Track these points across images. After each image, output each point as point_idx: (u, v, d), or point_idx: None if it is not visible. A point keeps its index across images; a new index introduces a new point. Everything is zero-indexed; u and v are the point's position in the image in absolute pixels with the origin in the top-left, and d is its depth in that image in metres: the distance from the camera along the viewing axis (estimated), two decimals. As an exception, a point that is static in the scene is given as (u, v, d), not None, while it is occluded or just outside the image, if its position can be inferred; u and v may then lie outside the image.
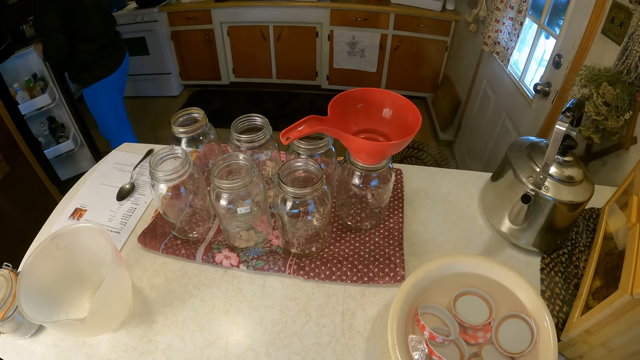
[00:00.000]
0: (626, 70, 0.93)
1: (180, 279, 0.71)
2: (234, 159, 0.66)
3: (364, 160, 0.66)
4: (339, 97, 0.66)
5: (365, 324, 0.64)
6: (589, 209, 0.81)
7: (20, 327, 0.60)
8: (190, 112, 0.81)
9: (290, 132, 0.61)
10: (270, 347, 0.61)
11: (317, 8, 2.77)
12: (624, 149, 0.97)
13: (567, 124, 0.58)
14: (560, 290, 0.67)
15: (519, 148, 0.75)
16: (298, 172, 0.66)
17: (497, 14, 1.82)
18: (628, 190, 0.68)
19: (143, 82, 3.19)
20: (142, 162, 0.96)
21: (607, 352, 0.53)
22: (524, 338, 0.56)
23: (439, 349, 0.56)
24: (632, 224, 0.57)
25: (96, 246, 0.62)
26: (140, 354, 0.61)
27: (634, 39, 0.91)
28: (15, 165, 1.70)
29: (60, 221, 0.84)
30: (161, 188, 0.68)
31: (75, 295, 0.64)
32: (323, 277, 0.69)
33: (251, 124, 0.77)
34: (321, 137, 0.74)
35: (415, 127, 0.61)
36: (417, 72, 2.94)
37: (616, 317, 0.49)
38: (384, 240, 0.75)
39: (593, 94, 0.95)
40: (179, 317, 0.65)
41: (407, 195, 0.86)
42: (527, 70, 1.70)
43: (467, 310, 0.61)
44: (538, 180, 0.66)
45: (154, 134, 2.81)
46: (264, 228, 0.74)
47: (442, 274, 0.63)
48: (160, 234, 0.76)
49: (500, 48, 1.84)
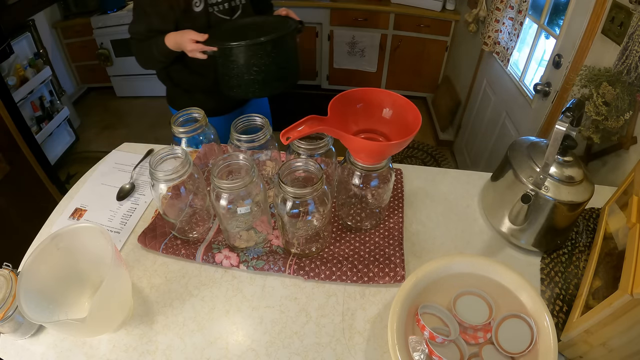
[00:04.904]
0: (626, 70, 0.93)
1: (180, 279, 0.71)
2: (234, 159, 0.66)
3: (364, 160, 0.66)
4: (339, 97, 0.66)
5: (365, 324, 0.64)
6: (589, 209, 0.81)
7: (20, 327, 0.60)
8: (190, 112, 0.81)
9: (290, 132, 0.61)
10: (270, 347, 0.61)
11: (317, 8, 2.77)
12: (624, 149, 0.97)
13: (567, 124, 0.58)
14: (560, 290, 0.67)
15: (519, 148, 0.75)
16: (298, 172, 0.66)
17: (497, 14, 1.82)
18: (628, 190, 0.68)
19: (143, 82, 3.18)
20: (142, 162, 0.96)
21: (607, 352, 0.53)
22: (524, 338, 0.56)
23: (439, 349, 0.56)
24: (632, 224, 0.57)
25: (96, 246, 0.61)
26: (140, 354, 0.61)
27: (634, 39, 0.91)
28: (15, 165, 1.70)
29: (60, 221, 0.84)
30: (161, 188, 0.68)
31: (75, 295, 0.64)
32: (323, 277, 0.69)
33: (251, 124, 0.77)
34: (321, 137, 0.74)
35: (415, 127, 0.61)
36: (417, 72, 2.94)
37: (616, 317, 0.49)
38: (384, 240, 0.75)
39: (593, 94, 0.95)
40: (179, 317, 0.65)
41: (407, 195, 0.86)
42: (527, 70, 1.70)
43: (467, 310, 0.61)
44: (538, 180, 0.66)
45: (154, 134, 2.80)
46: (264, 228, 0.74)
47: (442, 274, 0.63)
48: (160, 234, 0.76)
49: (500, 48, 1.84)
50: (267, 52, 0.99)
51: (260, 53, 0.99)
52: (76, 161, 2.57)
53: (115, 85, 3.22)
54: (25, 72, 2.19)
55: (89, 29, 2.90)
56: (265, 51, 0.99)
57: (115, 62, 3.07)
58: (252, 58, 0.99)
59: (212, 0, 1.08)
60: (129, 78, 3.18)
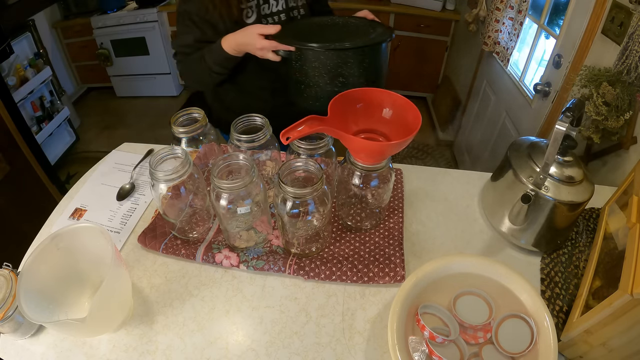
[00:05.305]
0: (626, 70, 0.93)
1: (180, 279, 0.71)
2: (234, 159, 0.66)
3: (364, 160, 0.66)
4: (339, 97, 0.66)
5: (365, 324, 0.64)
6: (589, 209, 0.81)
7: (20, 327, 0.60)
8: (190, 112, 0.81)
9: (290, 132, 0.61)
10: (270, 347, 0.61)
11: (317, 8, 2.76)
12: (624, 149, 0.97)
13: (567, 124, 0.58)
14: (560, 290, 0.67)
15: (519, 148, 0.75)
16: (298, 172, 0.66)
17: (497, 14, 1.82)
18: (628, 190, 0.68)
19: (143, 82, 3.19)
20: (142, 162, 0.96)
21: (607, 352, 0.53)
22: (524, 338, 0.56)
23: (439, 348, 0.56)
24: (632, 224, 0.57)
25: (96, 246, 0.61)
26: (140, 354, 0.61)
27: (634, 38, 0.91)
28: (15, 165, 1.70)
29: (60, 221, 0.84)
30: (161, 188, 0.68)
31: (75, 295, 0.64)
32: (323, 277, 0.69)
33: (251, 124, 0.77)
34: (321, 137, 0.74)
35: (415, 127, 0.61)
36: (417, 72, 2.94)
37: (616, 317, 0.49)
38: (384, 240, 0.75)
39: (593, 94, 0.95)
40: (179, 317, 0.65)
41: (407, 195, 0.86)
42: (527, 70, 1.70)
43: (467, 310, 0.61)
44: (538, 180, 0.66)
45: (154, 134, 2.81)
46: (264, 228, 0.74)
47: (442, 274, 0.63)
48: (160, 234, 0.76)
49: (500, 48, 1.84)
50: (359, 61, 0.81)
51: (351, 61, 0.80)
52: (76, 161, 2.58)
53: (115, 85, 3.23)
54: (25, 72, 2.19)
55: (89, 29, 2.90)
56: (357, 59, 0.81)
57: (115, 62, 3.07)
58: (340, 66, 0.80)
59: (265, 11, 0.91)
60: (129, 78, 3.19)
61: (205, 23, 0.89)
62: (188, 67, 0.95)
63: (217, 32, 0.89)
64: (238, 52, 0.87)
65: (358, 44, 0.79)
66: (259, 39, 0.81)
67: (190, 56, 0.93)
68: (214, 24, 0.89)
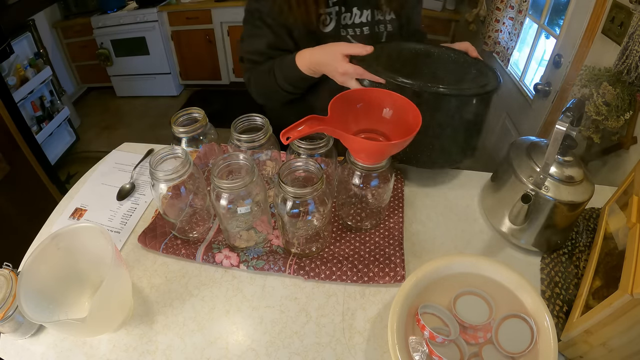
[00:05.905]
0: (626, 70, 0.93)
1: (180, 279, 0.71)
2: (234, 159, 0.66)
3: (364, 160, 0.66)
4: (339, 97, 0.66)
5: (365, 324, 0.64)
6: (589, 209, 0.81)
7: (20, 327, 0.60)
8: (190, 112, 0.81)
9: (290, 132, 0.61)
10: (270, 347, 0.61)
11: (317, 8, 2.76)
12: (624, 149, 0.97)
13: (567, 124, 0.58)
14: (560, 290, 0.67)
15: (519, 148, 0.74)
16: (298, 172, 0.66)
17: (497, 13, 1.82)
18: (628, 190, 0.68)
19: (143, 82, 3.19)
20: (142, 162, 0.96)
21: (607, 352, 0.53)
22: (524, 338, 0.56)
23: (439, 348, 0.56)
24: (632, 224, 0.57)
25: (96, 246, 0.61)
26: (140, 354, 0.61)
27: (634, 38, 0.91)
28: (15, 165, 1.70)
29: (60, 221, 0.84)
30: (161, 188, 0.68)
31: (75, 295, 0.64)
32: (323, 277, 0.69)
33: (251, 123, 0.77)
34: (321, 137, 0.74)
35: (415, 127, 0.61)
36: (417, 72, 2.93)
37: (616, 317, 0.49)
38: (384, 240, 0.75)
39: (593, 93, 0.95)
40: (179, 317, 0.65)
41: (407, 195, 0.86)
42: (527, 70, 1.70)
43: (467, 310, 0.61)
44: (538, 180, 0.66)
45: (154, 134, 2.81)
46: (264, 228, 0.74)
47: (442, 274, 0.63)
48: (160, 233, 0.76)
49: (501, 48, 1.84)
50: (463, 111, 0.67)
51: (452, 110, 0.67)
52: (76, 161, 2.58)
53: (115, 85, 3.23)
54: (25, 72, 2.19)
55: (89, 29, 2.91)
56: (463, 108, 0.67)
57: (115, 62, 3.08)
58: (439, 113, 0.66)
59: (347, 20, 0.77)
60: (129, 78, 3.19)
61: (280, 27, 0.76)
62: (256, 79, 0.83)
63: (293, 39, 0.77)
64: (314, 72, 0.74)
65: (465, 91, 0.65)
66: (343, 62, 0.68)
67: (260, 66, 0.80)
68: (290, 28, 0.76)
